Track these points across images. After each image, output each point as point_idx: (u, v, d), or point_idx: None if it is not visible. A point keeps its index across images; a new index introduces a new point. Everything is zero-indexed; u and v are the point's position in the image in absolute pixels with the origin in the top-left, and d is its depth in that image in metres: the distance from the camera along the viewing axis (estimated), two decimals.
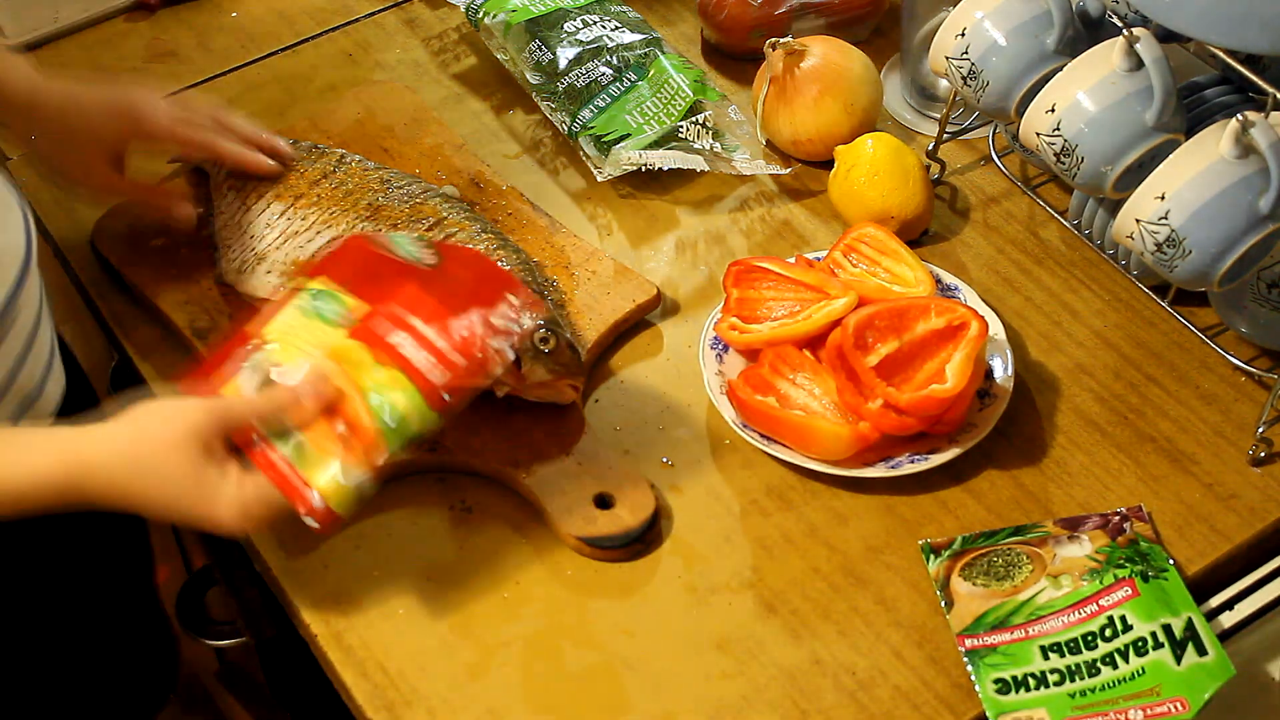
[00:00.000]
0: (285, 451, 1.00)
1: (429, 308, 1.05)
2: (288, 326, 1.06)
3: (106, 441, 0.99)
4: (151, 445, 0.98)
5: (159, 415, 0.99)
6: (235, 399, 1.02)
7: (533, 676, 1.06)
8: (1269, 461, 1.16)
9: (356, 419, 1.01)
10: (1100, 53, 1.16)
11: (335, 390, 1.02)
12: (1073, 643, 1.03)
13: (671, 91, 1.38)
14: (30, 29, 1.58)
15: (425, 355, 1.03)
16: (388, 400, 1.01)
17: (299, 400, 1.01)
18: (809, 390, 1.17)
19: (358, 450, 1.00)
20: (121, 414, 1.00)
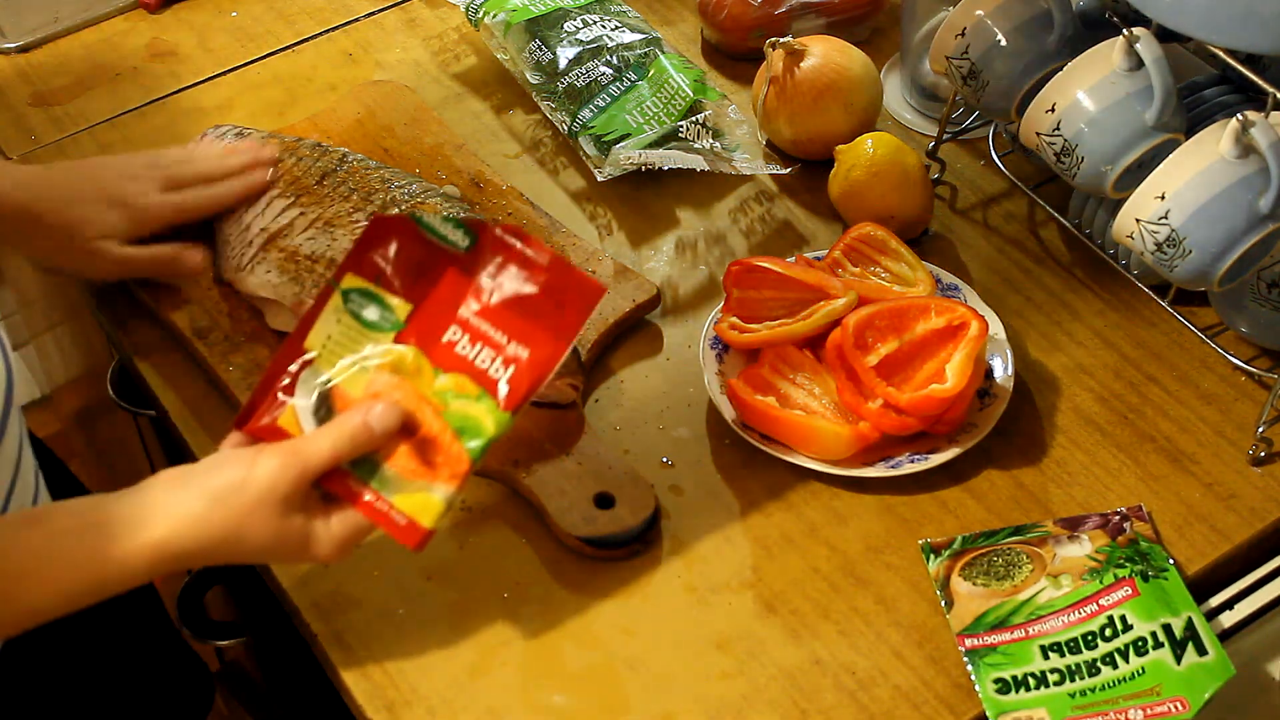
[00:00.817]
0: (370, 482, 0.98)
1: (481, 298, 0.99)
2: (329, 338, 1.02)
3: (193, 529, 0.96)
4: (237, 519, 0.96)
5: (237, 486, 0.97)
6: (307, 445, 0.98)
7: (533, 676, 1.06)
8: (1269, 461, 1.16)
9: (433, 435, 0.98)
10: (1100, 53, 1.16)
11: (404, 412, 0.98)
12: (1073, 642, 1.03)
13: (671, 91, 1.38)
14: (30, 29, 1.58)
15: (488, 353, 0.99)
16: (460, 412, 0.98)
17: (369, 428, 0.98)
18: (809, 390, 1.17)
19: (441, 468, 0.98)
20: (200, 481, 0.98)
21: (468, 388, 0.98)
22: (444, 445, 0.98)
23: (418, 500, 0.98)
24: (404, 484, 0.98)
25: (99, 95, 1.52)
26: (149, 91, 1.52)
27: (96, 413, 1.50)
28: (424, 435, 0.98)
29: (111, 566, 0.95)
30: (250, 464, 0.97)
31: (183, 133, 1.45)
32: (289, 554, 0.99)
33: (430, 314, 1.00)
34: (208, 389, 1.23)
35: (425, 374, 0.99)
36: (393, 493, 0.98)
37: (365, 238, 1.02)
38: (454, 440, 0.98)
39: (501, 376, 0.98)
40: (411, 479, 0.98)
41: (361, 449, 0.98)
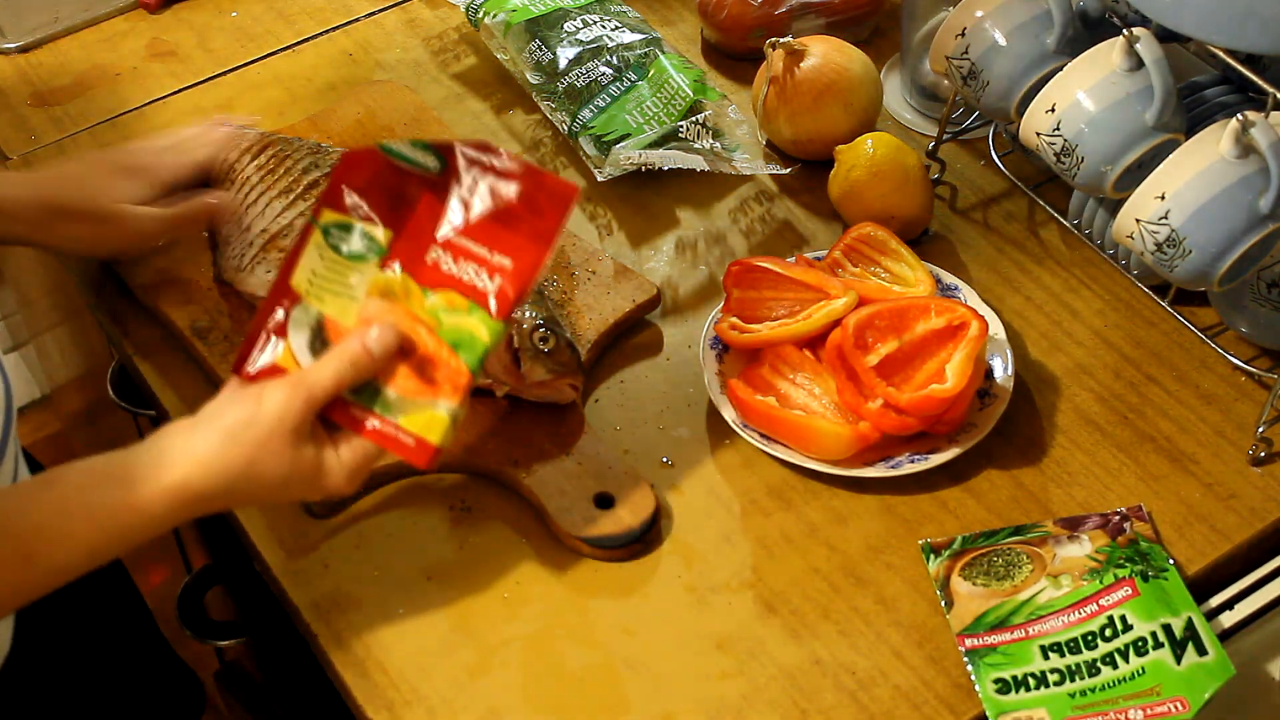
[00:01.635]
0: (374, 408, 1.00)
1: (458, 214, 1.01)
2: (314, 274, 1.03)
3: (209, 468, 0.98)
4: (250, 453, 0.98)
5: (247, 422, 0.98)
6: (311, 375, 1.00)
7: (533, 676, 1.06)
8: (1269, 461, 1.16)
9: (430, 353, 0.99)
10: (1100, 53, 1.16)
11: (399, 333, 1.00)
12: (1073, 642, 1.03)
13: (671, 91, 1.38)
14: (30, 29, 1.58)
15: (472, 267, 1.00)
16: (454, 326, 0.99)
17: (369, 351, 1.00)
18: (809, 390, 1.17)
19: (443, 384, 0.99)
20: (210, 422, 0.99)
21: (458, 302, 1.00)
22: (442, 361, 0.99)
23: (423, 418, 0.99)
24: (407, 404, 0.99)
25: (99, 95, 1.52)
26: (149, 91, 1.52)
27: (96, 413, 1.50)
28: (421, 354, 1.00)
29: (132, 515, 0.96)
30: (257, 400, 0.99)
31: None
32: (303, 485, 1.00)
33: (411, 237, 1.02)
34: (208, 389, 1.23)
35: (414, 295, 1.01)
36: (397, 414, 0.99)
37: (337, 173, 1.04)
38: (451, 355, 0.99)
39: (490, 288, 0.99)
40: (414, 398, 0.99)
41: (364, 374, 1.00)
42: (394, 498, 1.16)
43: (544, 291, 1.24)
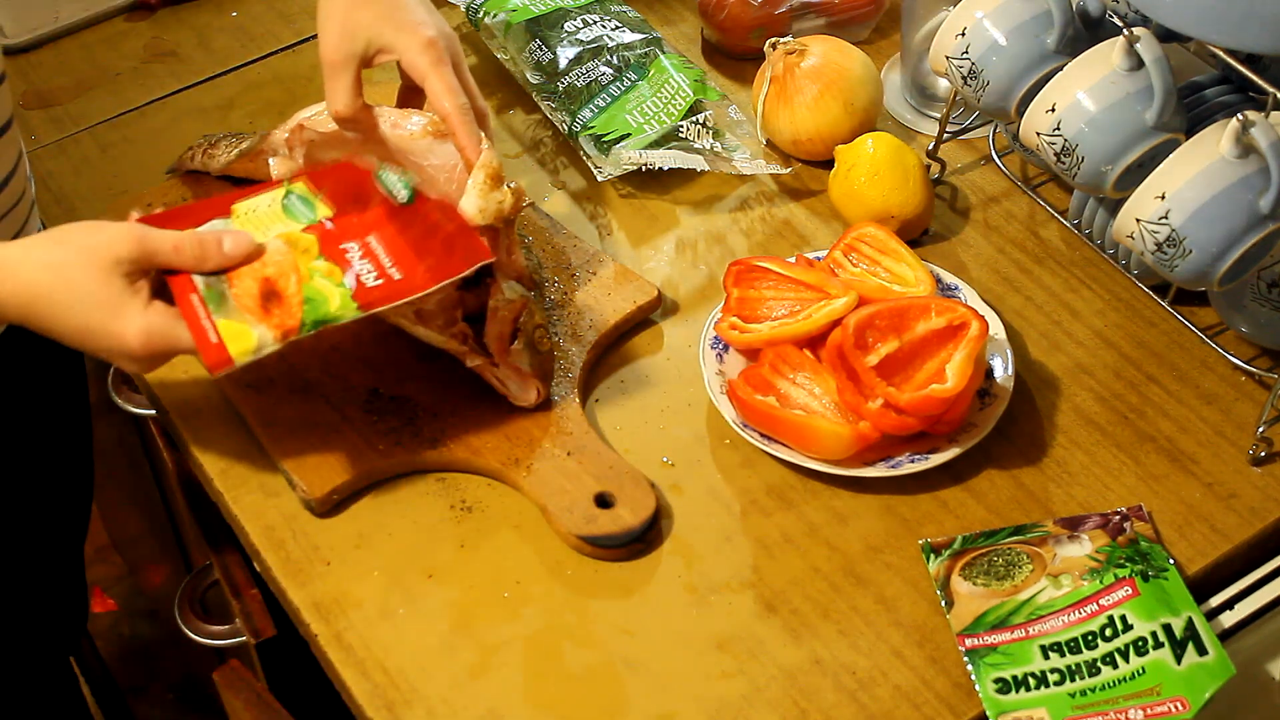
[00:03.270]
0: (206, 297, 1.03)
1: (390, 234, 1.09)
2: (255, 209, 1.10)
3: (24, 246, 1.02)
4: (70, 253, 1.01)
5: (82, 230, 1.02)
6: (155, 230, 1.04)
7: (533, 676, 1.06)
8: (1269, 461, 1.16)
9: (284, 293, 1.04)
10: (1100, 52, 1.16)
11: (261, 249, 1.06)
12: (1073, 642, 1.03)
13: (671, 91, 1.38)
14: (30, 29, 1.58)
15: (368, 264, 1.07)
16: (318, 287, 1.05)
17: (219, 242, 1.04)
18: (809, 390, 1.17)
19: (274, 318, 1.04)
20: (54, 230, 1.03)
21: (335, 275, 1.06)
22: (287, 302, 1.05)
23: (237, 329, 1.03)
24: (234, 312, 1.04)
25: (99, 95, 1.52)
26: (149, 91, 1.52)
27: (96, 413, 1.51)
28: (276, 289, 1.05)
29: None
30: (102, 224, 1.03)
31: (183, 132, 1.45)
32: (101, 317, 1.01)
33: (342, 227, 1.10)
34: (208, 389, 1.23)
35: (309, 254, 1.07)
36: (219, 312, 1.03)
37: (332, 167, 1.16)
38: (299, 305, 1.04)
39: (367, 279, 1.06)
40: (243, 313, 1.04)
41: (206, 258, 1.04)
42: (394, 498, 1.16)
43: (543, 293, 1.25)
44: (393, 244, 1.09)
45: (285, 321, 1.04)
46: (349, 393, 1.20)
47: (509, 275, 1.18)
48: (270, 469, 1.17)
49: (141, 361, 1.04)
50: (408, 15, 1.16)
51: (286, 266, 1.06)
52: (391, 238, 1.10)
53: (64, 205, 1.39)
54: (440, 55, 1.16)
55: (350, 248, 1.08)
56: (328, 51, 1.17)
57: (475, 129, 1.16)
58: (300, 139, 1.22)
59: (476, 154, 1.15)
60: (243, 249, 1.05)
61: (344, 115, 1.18)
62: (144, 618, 2.19)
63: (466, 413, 1.18)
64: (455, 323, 1.18)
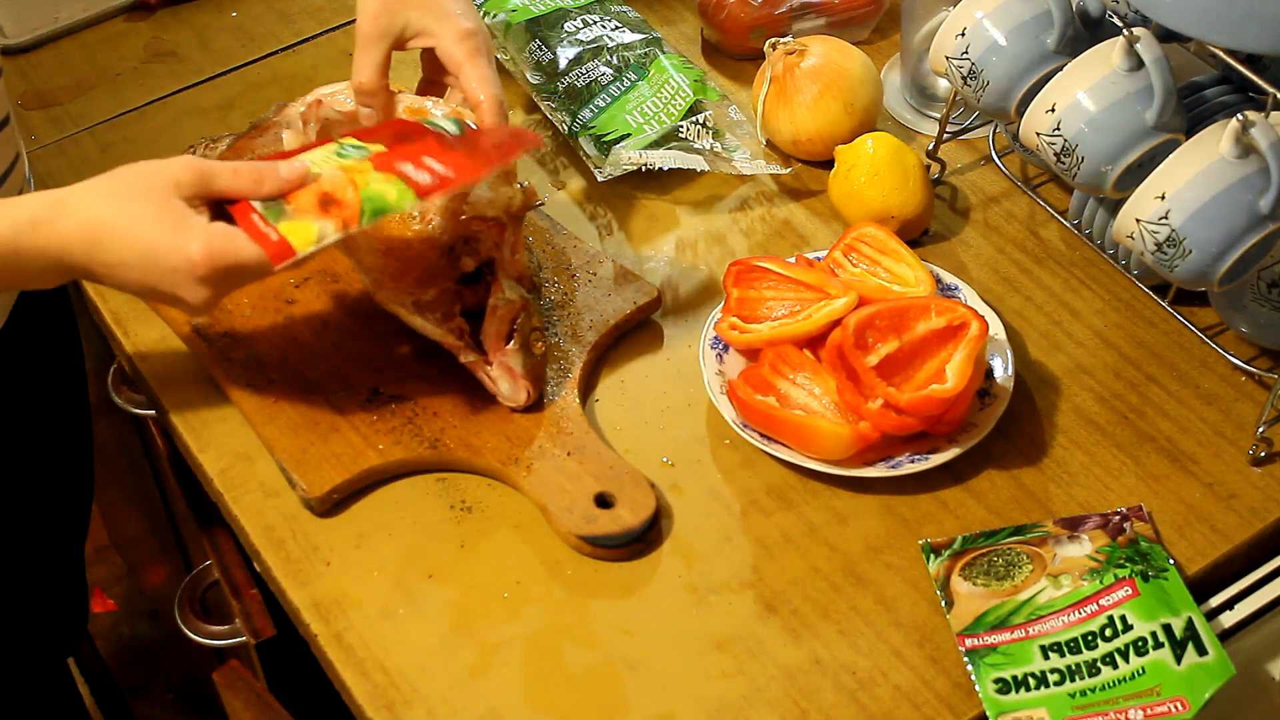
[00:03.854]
0: (266, 213, 1.04)
1: (443, 154, 1.09)
2: (312, 158, 1.10)
3: (84, 185, 1.03)
4: (129, 183, 1.02)
5: (139, 166, 1.03)
6: (214, 162, 1.04)
7: (533, 676, 1.06)
8: (1269, 461, 1.16)
9: (340, 197, 1.05)
10: (1100, 52, 1.16)
11: (307, 168, 1.06)
12: (1073, 642, 1.03)
13: (671, 91, 1.38)
14: (30, 29, 1.58)
15: (421, 172, 1.08)
16: (375, 190, 1.06)
17: (275, 168, 1.05)
18: (809, 390, 1.17)
19: (334, 215, 1.04)
20: (119, 169, 1.04)
21: (391, 179, 1.07)
22: (346, 202, 1.05)
23: (298, 227, 1.04)
24: (294, 216, 1.05)
25: (99, 95, 1.52)
26: (149, 91, 1.52)
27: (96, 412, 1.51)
28: (334, 198, 1.05)
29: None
30: (159, 160, 1.04)
31: (183, 132, 1.45)
32: (163, 236, 1.01)
33: (396, 153, 1.10)
34: (208, 389, 1.23)
35: (363, 170, 1.07)
36: (279, 220, 1.04)
37: (381, 125, 1.17)
38: (357, 202, 1.05)
39: (423, 179, 1.08)
40: (302, 215, 1.05)
41: (264, 184, 1.04)
42: (394, 498, 1.16)
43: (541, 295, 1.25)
44: (444, 156, 1.09)
45: (345, 214, 1.04)
46: (349, 393, 1.20)
47: (511, 275, 1.18)
48: (270, 469, 1.17)
49: (206, 282, 1.03)
50: (448, 5, 1.18)
51: (343, 181, 1.06)
52: (442, 153, 1.09)
53: None
54: (478, 46, 1.17)
55: (403, 164, 1.08)
56: (364, 23, 1.19)
57: (504, 121, 1.17)
58: (317, 114, 1.23)
59: None
60: (298, 172, 1.05)
61: (367, 89, 1.19)
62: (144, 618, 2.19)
63: (466, 413, 1.19)
64: (454, 316, 1.18)
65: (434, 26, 1.18)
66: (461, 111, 1.19)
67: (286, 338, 1.24)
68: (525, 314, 1.16)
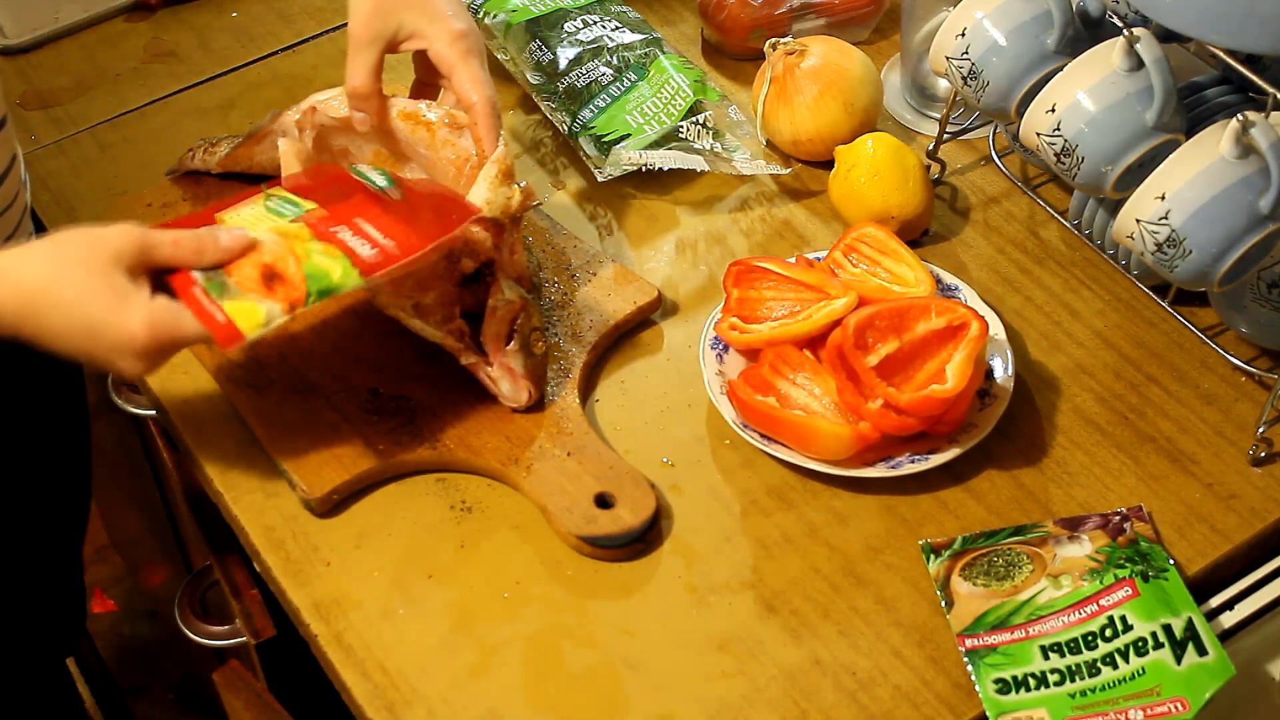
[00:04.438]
0: (209, 287, 1.04)
1: (377, 214, 1.09)
2: (240, 215, 1.11)
3: (21, 250, 1.01)
4: (69, 250, 1.01)
5: (79, 232, 1.02)
6: (154, 230, 1.03)
7: (533, 676, 1.06)
8: (1269, 461, 1.16)
9: (283, 270, 1.04)
10: (1100, 53, 1.16)
11: (255, 240, 1.05)
12: (1073, 643, 1.03)
13: (672, 91, 1.38)
14: (30, 29, 1.58)
15: (361, 240, 1.07)
16: (318, 264, 1.05)
17: (215, 236, 1.04)
18: (809, 390, 1.17)
19: (279, 293, 1.04)
20: (56, 234, 1.02)
21: (332, 251, 1.07)
22: (290, 279, 1.04)
23: (244, 308, 1.03)
24: (238, 294, 1.04)
25: (99, 95, 1.52)
26: (149, 91, 1.52)
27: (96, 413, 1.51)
28: (275, 268, 1.05)
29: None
30: (99, 227, 1.02)
31: (183, 132, 1.45)
32: (102, 310, 1.00)
33: (330, 213, 1.10)
34: (208, 389, 1.23)
35: (302, 239, 1.07)
36: (223, 297, 1.03)
37: (306, 171, 1.18)
38: (302, 280, 1.04)
39: (365, 252, 1.07)
40: (247, 293, 1.04)
41: (205, 254, 1.03)
42: (394, 498, 1.16)
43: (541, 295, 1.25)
44: (381, 221, 1.09)
45: (290, 294, 1.04)
46: (349, 393, 1.20)
47: (510, 275, 1.18)
48: (270, 469, 1.17)
49: (146, 356, 1.01)
50: (440, 7, 1.18)
51: (283, 251, 1.06)
52: (379, 217, 1.10)
53: (64, 205, 1.39)
54: (470, 47, 1.18)
55: (340, 229, 1.08)
56: (356, 26, 1.18)
57: (497, 123, 1.18)
58: (312, 121, 1.23)
59: (493, 148, 1.16)
60: (240, 242, 1.05)
61: (360, 93, 1.19)
62: (144, 618, 2.19)
63: (466, 413, 1.19)
64: (453, 319, 1.18)
65: (426, 28, 1.18)
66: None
67: (286, 338, 1.24)
68: (525, 314, 1.16)
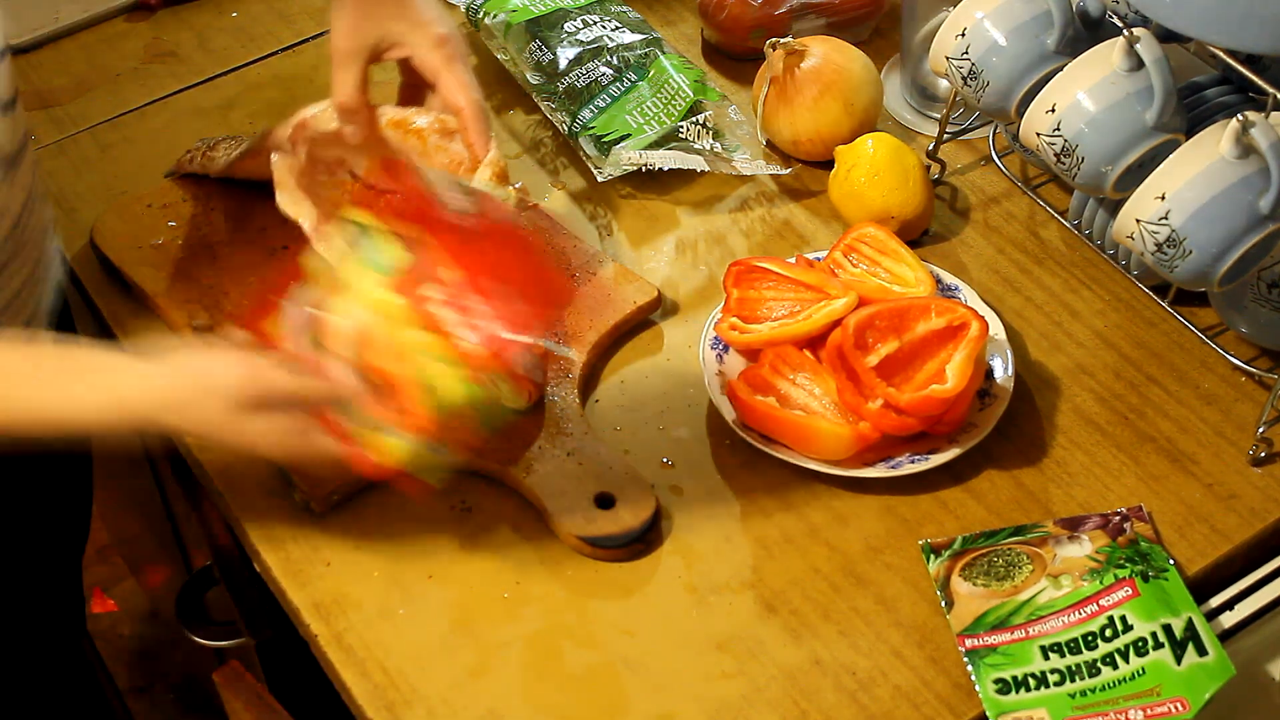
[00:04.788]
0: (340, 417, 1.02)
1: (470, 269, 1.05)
2: (328, 262, 1.08)
3: (147, 387, 1.01)
4: (188, 393, 1.01)
5: (198, 366, 1.02)
6: (273, 373, 1.02)
7: (533, 676, 1.06)
8: (1269, 461, 1.16)
9: (402, 386, 1.02)
10: (1100, 53, 1.16)
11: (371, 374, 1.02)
12: (1073, 643, 1.03)
13: (672, 91, 1.38)
14: (30, 29, 1.58)
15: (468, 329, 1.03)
16: (433, 371, 1.02)
17: (333, 391, 1.02)
18: (809, 390, 1.17)
19: (408, 418, 1.02)
20: (172, 358, 1.02)
21: (443, 351, 1.02)
22: (410, 399, 1.02)
23: (386, 443, 1.02)
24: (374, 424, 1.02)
25: (99, 95, 1.52)
26: (149, 91, 1.52)
27: None
28: (394, 385, 1.02)
29: (66, 402, 1.00)
30: (217, 358, 1.02)
31: (183, 133, 1.45)
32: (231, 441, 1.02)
33: (420, 266, 1.05)
34: None
35: (407, 325, 1.03)
36: (364, 431, 1.02)
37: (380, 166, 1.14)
38: (423, 394, 1.01)
39: (473, 342, 1.02)
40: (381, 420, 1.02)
41: (322, 401, 1.02)
42: (394, 498, 1.16)
43: None
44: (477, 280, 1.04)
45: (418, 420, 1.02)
46: None
47: None
48: (270, 469, 1.17)
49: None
50: (420, 13, 1.17)
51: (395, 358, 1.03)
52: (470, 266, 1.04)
53: (64, 205, 1.39)
54: (453, 52, 1.17)
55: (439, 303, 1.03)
56: (339, 41, 1.18)
57: (487, 126, 1.17)
58: (303, 136, 1.22)
59: (485, 151, 1.16)
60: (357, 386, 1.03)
61: (349, 107, 1.18)
62: (144, 618, 2.19)
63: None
64: None
65: (408, 36, 1.17)
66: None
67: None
68: None
